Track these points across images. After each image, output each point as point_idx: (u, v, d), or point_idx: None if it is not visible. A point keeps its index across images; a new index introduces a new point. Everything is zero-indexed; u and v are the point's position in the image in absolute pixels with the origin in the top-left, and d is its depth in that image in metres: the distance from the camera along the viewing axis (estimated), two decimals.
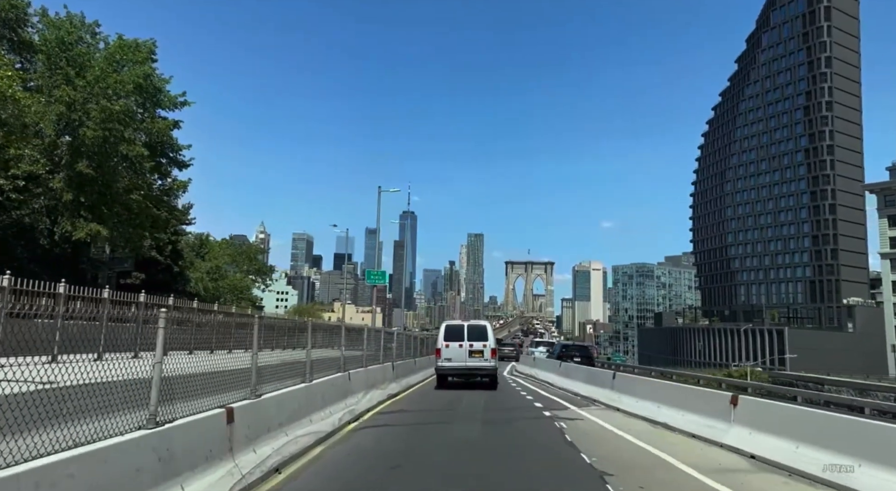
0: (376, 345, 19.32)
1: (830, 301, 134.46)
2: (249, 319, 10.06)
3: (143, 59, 29.57)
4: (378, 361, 18.91)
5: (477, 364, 22.42)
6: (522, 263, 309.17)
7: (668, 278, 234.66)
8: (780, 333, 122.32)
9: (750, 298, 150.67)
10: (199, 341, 10.11)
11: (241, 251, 58.93)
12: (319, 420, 10.93)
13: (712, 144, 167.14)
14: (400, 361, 22.97)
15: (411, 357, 26.84)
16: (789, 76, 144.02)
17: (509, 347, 64.22)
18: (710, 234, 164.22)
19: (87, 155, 26.90)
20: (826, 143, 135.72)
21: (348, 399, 13.59)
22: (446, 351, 22.66)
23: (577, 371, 22.71)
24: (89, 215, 27.57)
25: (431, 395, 21.03)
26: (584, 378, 21.01)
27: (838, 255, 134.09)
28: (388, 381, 19.56)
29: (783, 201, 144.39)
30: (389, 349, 21.28)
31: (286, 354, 11.06)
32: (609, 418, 14.76)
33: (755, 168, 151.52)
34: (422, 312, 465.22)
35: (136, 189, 30.41)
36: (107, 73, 27.22)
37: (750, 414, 10.79)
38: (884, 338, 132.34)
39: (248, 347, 9.05)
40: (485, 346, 22.51)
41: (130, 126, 27.82)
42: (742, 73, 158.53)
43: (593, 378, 19.68)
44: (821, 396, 15.57)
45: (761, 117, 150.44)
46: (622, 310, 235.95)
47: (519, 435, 12.17)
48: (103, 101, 25.79)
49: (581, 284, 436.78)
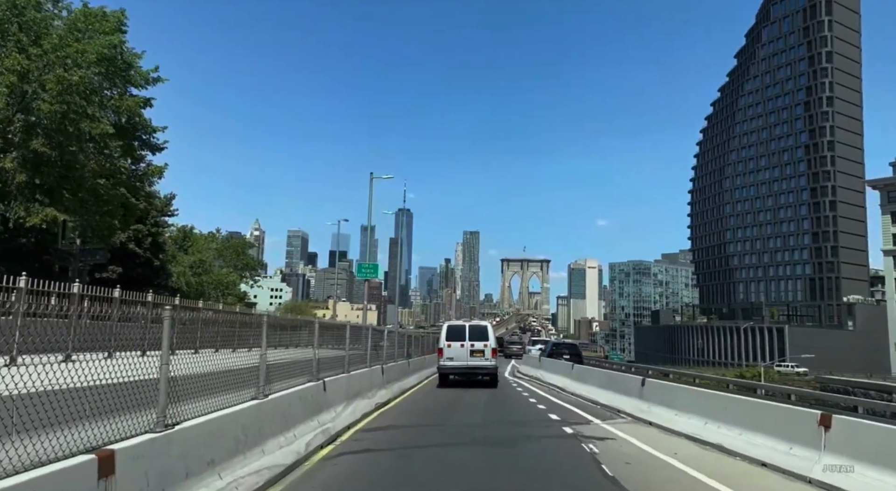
0: (364, 345, 16.56)
1: (830, 299, 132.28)
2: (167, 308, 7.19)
3: (111, 29, 26.62)
4: (365, 363, 16.14)
5: (478, 363, 22.88)
6: (518, 260, 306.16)
7: (666, 276, 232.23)
8: (780, 331, 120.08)
9: (749, 295, 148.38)
10: None
11: (229, 245, 55.95)
12: (277, 448, 8.09)
13: (711, 140, 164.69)
14: (392, 362, 20.36)
15: (405, 357, 24.13)
16: (789, 71, 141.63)
17: (517, 344, 61.08)
18: (709, 231, 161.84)
19: (44, 132, 24.01)
20: (827, 139, 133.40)
21: (322, 415, 10.74)
22: (448, 350, 23.11)
23: (593, 375, 19.94)
24: (46, 199, 24.62)
25: (426, 402, 18.53)
26: (602, 383, 18.25)
27: (839, 252, 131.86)
28: (377, 387, 16.80)
29: (783, 198, 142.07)
30: (380, 349, 18.58)
31: (238, 357, 8.15)
32: (645, 436, 11.98)
33: (754, 164, 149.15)
34: (417, 309, 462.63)
35: (106, 174, 27.53)
36: (67, 42, 24.31)
37: (849, 439, 8.05)
38: (885, 336, 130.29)
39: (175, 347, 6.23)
40: (485, 345, 22.96)
41: (94, 101, 24.89)
42: (741, 69, 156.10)
43: (615, 384, 16.88)
44: (889, 408, 12.83)
45: (761, 113, 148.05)
46: (619, 308, 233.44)
47: (538, 464, 9.11)
48: (59, 71, 22.85)
49: (576, 282, 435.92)
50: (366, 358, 16.41)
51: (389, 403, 16.85)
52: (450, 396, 20.07)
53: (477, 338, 23.03)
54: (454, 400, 18.59)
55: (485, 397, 19.47)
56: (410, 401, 18.67)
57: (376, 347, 18.17)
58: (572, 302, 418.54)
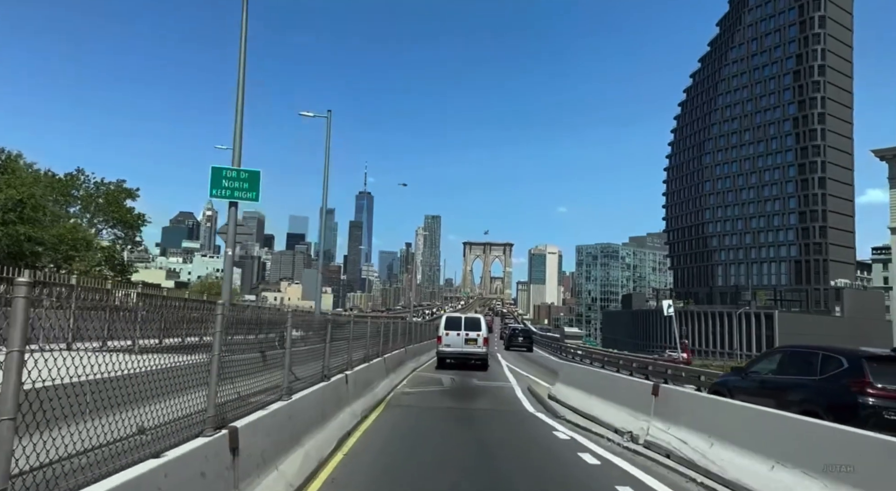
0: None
1: (818, 283, 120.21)
2: None
3: None
4: None
5: (471, 350, 25.31)
6: (481, 243, 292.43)
7: (633, 259, 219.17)
8: (769, 317, 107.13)
9: (728, 279, 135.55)
10: None
11: (69, 185, 37.40)
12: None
13: (690, 115, 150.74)
14: None
15: (347, 365, 11.34)
16: (778, 38, 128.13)
17: (522, 335, 52.62)
18: (686, 210, 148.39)
19: None
20: (817, 111, 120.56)
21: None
22: (446, 338, 25.54)
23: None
24: None
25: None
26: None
27: (827, 232, 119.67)
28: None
29: (767, 174, 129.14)
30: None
31: None
32: None
33: (737, 139, 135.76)
34: (377, 293, 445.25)
35: None
36: None
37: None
38: (873, 324, 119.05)
39: None
40: (478, 335, 25.52)
41: None
42: (725, 37, 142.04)
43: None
44: None
45: (746, 83, 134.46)
46: (585, 292, 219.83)
47: None
48: None
49: (537, 268, 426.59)
50: None
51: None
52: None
53: (471, 328, 25.55)
54: None
55: None
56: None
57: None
58: (532, 287, 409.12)
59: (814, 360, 8.90)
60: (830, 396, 8.02)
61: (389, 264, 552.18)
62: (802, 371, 8.99)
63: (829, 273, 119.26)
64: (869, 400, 7.52)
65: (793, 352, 10.09)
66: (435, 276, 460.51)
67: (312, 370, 8.46)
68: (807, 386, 8.61)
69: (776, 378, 9.50)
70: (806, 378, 8.76)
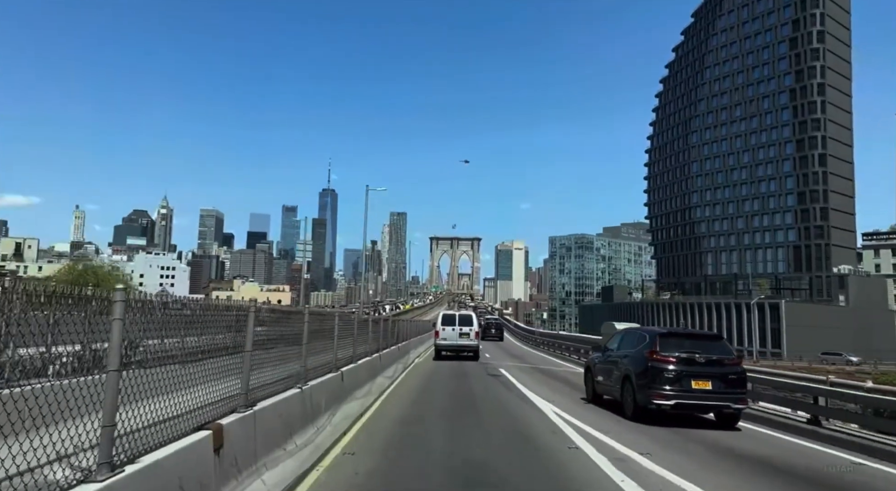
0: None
1: (819, 270, 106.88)
2: None
3: None
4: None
5: (465, 343, 28.66)
6: (448, 238, 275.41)
7: (608, 251, 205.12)
8: (773, 307, 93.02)
9: (719, 267, 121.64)
10: None
11: None
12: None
13: (673, 91, 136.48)
14: None
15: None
16: (772, 3, 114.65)
17: (494, 327, 56.44)
18: (671, 194, 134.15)
19: None
20: (817, 82, 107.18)
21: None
22: (443, 333, 28.80)
23: None
24: None
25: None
26: None
27: (829, 215, 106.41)
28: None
29: (762, 152, 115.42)
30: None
31: None
32: None
33: (727, 115, 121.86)
34: (342, 292, 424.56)
35: None
36: None
37: None
38: (878, 313, 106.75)
39: None
40: (471, 330, 28.93)
41: None
42: (711, 4, 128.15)
43: None
44: None
45: (736, 54, 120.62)
46: (559, 285, 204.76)
47: None
48: None
49: (503, 264, 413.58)
50: None
51: None
52: None
53: (464, 324, 29.03)
54: None
55: None
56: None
57: None
58: (499, 283, 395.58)
59: (636, 337, 13.26)
60: (638, 363, 12.13)
61: (354, 262, 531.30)
62: (630, 346, 13.16)
63: (830, 259, 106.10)
64: (655, 364, 11.60)
65: (627, 332, 14.74)
66: (401, 273, 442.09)
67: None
68: (629, 356, 12.73)
69: (617, 352, 13.65)
70: (631, 351, 12.88)
